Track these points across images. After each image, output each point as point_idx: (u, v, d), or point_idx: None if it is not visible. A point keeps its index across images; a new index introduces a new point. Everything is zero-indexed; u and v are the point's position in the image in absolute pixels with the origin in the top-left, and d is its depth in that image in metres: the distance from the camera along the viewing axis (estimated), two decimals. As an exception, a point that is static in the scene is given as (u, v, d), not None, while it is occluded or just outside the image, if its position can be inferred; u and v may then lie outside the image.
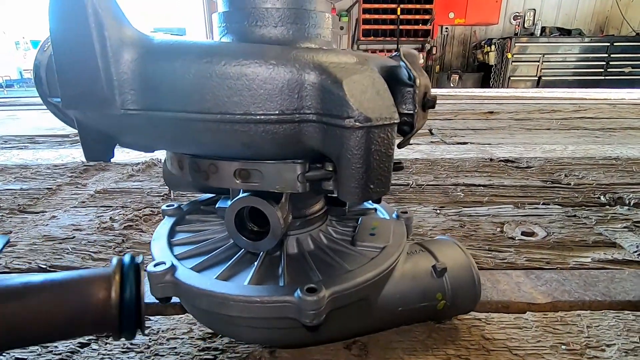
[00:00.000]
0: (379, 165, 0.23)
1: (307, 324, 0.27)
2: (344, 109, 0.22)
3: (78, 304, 0.18)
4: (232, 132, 0.23)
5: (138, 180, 0.85)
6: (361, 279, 0.30)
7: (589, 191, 0.76)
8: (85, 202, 0.72)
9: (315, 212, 0.37)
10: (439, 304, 0.33)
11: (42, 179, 0.86)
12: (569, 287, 0.43)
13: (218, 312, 0.29)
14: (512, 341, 0.35)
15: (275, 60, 0.22)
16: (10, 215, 0.66)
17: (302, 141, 0.24)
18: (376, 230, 0.37)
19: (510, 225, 0.60)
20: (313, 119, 0.23)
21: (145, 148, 0.29)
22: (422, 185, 0.80)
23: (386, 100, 0.23)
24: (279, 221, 0.30)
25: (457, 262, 0.34)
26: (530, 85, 4.86)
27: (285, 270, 0.32)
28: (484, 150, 1.11)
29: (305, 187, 0.26)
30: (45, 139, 1.37)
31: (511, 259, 0.50)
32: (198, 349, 0.34)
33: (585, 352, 0.34)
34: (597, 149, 1.11)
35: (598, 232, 0.58)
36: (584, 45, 4.96)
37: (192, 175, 0.29)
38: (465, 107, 2.15)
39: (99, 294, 0.19)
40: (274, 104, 0.23)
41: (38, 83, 0.32)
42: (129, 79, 0.23)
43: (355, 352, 0.34)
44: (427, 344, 0.35)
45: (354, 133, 0.22)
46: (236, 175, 0.27)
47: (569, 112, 1.91)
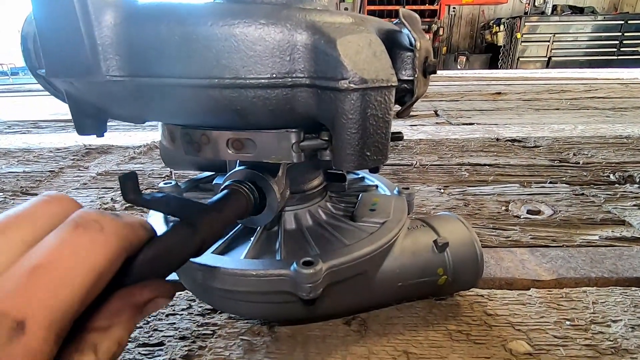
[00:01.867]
0: (376, 131, 0.22)
1: (304, 298, 0.26)
2: (338, 70, 0.20)
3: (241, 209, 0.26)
4: (222, 98, 0.22)
5: (139, 162, 0.85)
6: (359, 253, 0.29)
7: (598, 170, 0.74)
8: (87, 184, 0.72)
9: (313, 187, 0.36)
10: (440, 279, 0.33)
11: (45, 162, 0.86)
12: (575, 264, 0.43)
13: (215, 287, 0.28)
14: (515, 317, 0.34)
15: (265, 20, 0.21)
16: (13, 197, 0.66)
17: (296, 107, 0.23)
18: (376, 206, 0.36)
19: (515, 203, 0.59)
20: (306, 82, 0.22)
21: (135, 119, 0.28)
22: (426, 165, 0.79)
23: (383, 62, 0.22)
24: (276, 195, 0.29)
25: (459, 237, 0.33)
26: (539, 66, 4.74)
27: (282, 245, 0.31)
28: (491, 130, 1.09)
29: (300, 157, 0.25)
30: (48, 123, 1.37)
31: (516, 237, 0.49)
32: (197, 324, 0.34)
33: (590, 327, 0.33)
34: (607, 128, 1.08)
35: (606, 210, 0.56)
36: (596, 24, 4.80)
37: (184, 147, 0.28)
38: (472, 88, 2.11)
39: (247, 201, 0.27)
40: (264, 67, 0.21)
41: (26, 55, 0.31)
42: (113, 43, 0.22)
43: (354, 327, 0.33)
44: (428, 320, 0.34)
45: (348, 95, 0.20)
46: (229, 146, 0.26)
47: (579, 92, 1.86)
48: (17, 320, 0.12)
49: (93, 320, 0.15)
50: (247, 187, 0.28)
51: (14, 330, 0.12)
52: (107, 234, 0.15)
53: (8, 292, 0.12)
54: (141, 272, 0.17)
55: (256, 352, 0.31)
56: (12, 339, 0.11)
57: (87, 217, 0.15)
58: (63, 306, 0.13)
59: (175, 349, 0.31)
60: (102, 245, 0.14)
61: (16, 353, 0.11)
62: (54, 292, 0.13)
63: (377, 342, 0.32)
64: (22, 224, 0.14)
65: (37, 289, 0.12)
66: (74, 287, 0.13)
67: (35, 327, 0.12)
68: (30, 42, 0.30)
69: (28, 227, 0.14)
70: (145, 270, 0.17)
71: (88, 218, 0.15)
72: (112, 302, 0.16)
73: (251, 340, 0.32)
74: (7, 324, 0.12)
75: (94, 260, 0.14)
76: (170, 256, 0.18)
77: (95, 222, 0.15)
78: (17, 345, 0.11)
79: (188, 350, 0.31)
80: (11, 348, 0.11)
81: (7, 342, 0.11)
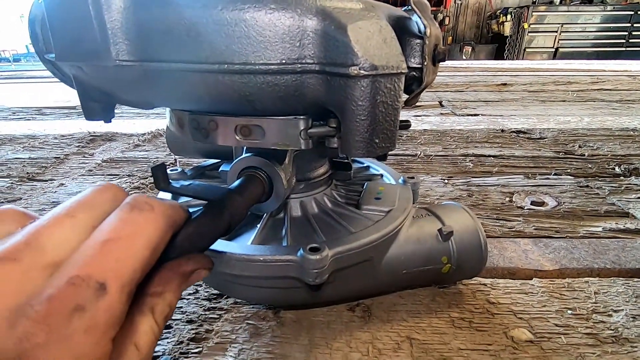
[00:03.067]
0: (385, 118, 0.22)
1: (310, 283, 0.27)
2: (349, 56, 0.20)
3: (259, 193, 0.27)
4: (231, 84, 0.22)
5: (144, 150, 0.85)
6: (365, 240, 0.29)
7: (603, 162, 0.73)
8: (92, 170, 0.72)
9: (319, 175, 0.36)
10: (444, 267, 0.33)
11: (50, 149, 0.86)
12: (578, 255, 0.43)
13: (222, 272, 0.29)
14: (517, 305, 0.35)
15: (275, 5, 0.21)
16: (20, 183, 0.66)
17: (305, 94, 0.23)
18: (382, 194, 0.36)
19: (519, 195, 0.59)
20: (316, 69, 0.22)
21: (143, 105, 0.28)
22: (430, 155, 0.78)
23: (393, 49, 0.22)
24: (283, 182, 0.29)
25: (464, 226, 0.34)
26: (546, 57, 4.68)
27: (289, 231, 0.31)
28: (496, 121, 1.08)
29: (308, 144, 0.25)
30: (52, 110, 1.37)
31: (519, 228, 0.49)
32: (204, 308, 0.35)
33: (591, 316, 0.33)
34: (614, 121, 1.07)
35: (611, 202, 0.56)
36: (605, 14, 4.71)
37: (192, 133, 0.28)
38: (478, 79, 2.09)
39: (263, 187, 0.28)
40: (274, 53, 0.21)
41: (34, 40, 0.31)
42: (123, 27, 0.22)
43: (358, 313, 0.34)
44: (431, 307, 0.35)
45: (359, 82, 0.20)
46: (237, 132, 0.26)
47: (586, 84, 1.83)
48: (99, 281, 0.14)
49: (149, 287, 0.17)
50: (263, 172, 0.28)
51: (97, 290, 0.14)
52: (157, 213, 0.17)
53: (87, 259, 0.14)
54: (182, 247, 0.19)
55: (262, 336, 0.32)
56: (98, 297, 0.14)
57: (141, 200, 0.17)
58: (130, 272, 0.15)
59: (182, 332, 0.32)
60: (154, 222, 0.17)
61: (101, 309, 0.14)
62: (124, 261, 0.15)
63: (381, 328, 0.32)
64: (87, 208, 0.17)
65: (110, 258, 0.15)
66: (137, 257, 0.16)
67: (113, 288, 0.14)
68: (38, 26, 0.30)
69: (92, 210, 0.17)
70: (186, 245, 0.19)
71: (141, 201, 0.17)
72: (163, 271, 0.18)
73: (257, 325, 0.33)
74: (92, 285, 0.14)
75: (150, 234, 0.16)
76: (205, 233, 0.20)
77: (147, 204, 0.17)
78: (103, 302, 0.14)
79: (195, 333, 0.32)
80: (98, 305, 0.14)
81: (94, 300, 0.14)
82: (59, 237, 0.15)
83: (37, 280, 0.14)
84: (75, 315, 0.13)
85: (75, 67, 0.27)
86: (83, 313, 0.13)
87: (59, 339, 0.13)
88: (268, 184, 0.29)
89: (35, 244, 0.14)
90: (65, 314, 0.13)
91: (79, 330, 0.13)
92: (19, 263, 0.14)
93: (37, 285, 0.13)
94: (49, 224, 0.15)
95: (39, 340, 0.12)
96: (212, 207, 0.21)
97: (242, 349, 0.30)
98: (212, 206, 0.21)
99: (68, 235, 0.15)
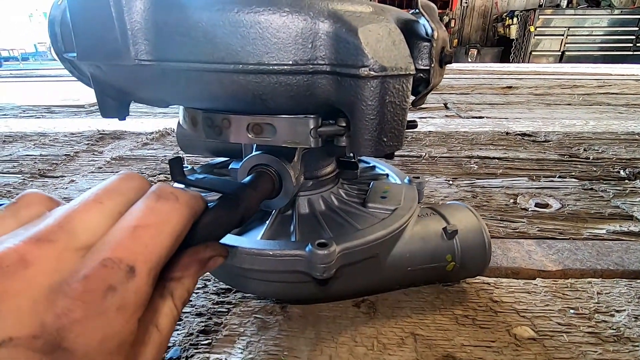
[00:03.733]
0: (393, 118, 0.23)
1: (318, 278, 0.28)
2: (359, 58, 0.21)
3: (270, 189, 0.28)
4: (246, 84, 0.23)
5: (152, 148, 0.86)
6: (371, 237, 0.30)
7: (608, 165, 0.74)
8: (102, 167, 0.74)
9: (327, 174, 0.37)
10: (448, 265, 0.34)
11: (60, 146, 0.88)
12: (581, 256, 0.43)
13: (232, 265, 0.29)
14: (520, 304, 0.35)
15: (289, 8, 0.22)
16: (32, 179, 0.68)
17: (316, 94, 0.24)
18: (387, 193, 0.37)
19: (524, 196, 0.60)
20: (327, 69, 0.22)
21: (159, 102, 0.29)
22: (435, 157, 0.79)
23: (402, 51, 0.23)
24: (292, 179, 0.30)
25: (468, 225, 0.34)
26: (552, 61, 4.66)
27: (297, 227, 0.32)
28: (501, 124, 1.08)
29: (318, 142, 0.26)
30: (61, 109, 1.39)
31: (523, 229, 0.50)
32: (212, 302, 0.36)
33: (594, 316, 0.34)
34: (619, 125, 1.07)
35: (615, 205, 0.57)
36: (613, 18, 4.68)
37: (205, 131, 0.29)
38: (483, 82, 2.09)
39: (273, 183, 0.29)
40: (287, 54, 0.22)
41: (53, 39, 0.32)
42: (142, 28, 0.23)
43: (364, 309, 0.35)
44: (435, 304, 0.35)
45: (368, 83, 0.21)
46: (249, 130, 0.27)
47: (592, 88, 1.83)
48: (129, 265, 0.15)
49: (169, 272, 0.18)
50: (273, 169, 0.29)
51: (128, 272, 0.15)
52: (181, 203, 0.18)
53: (118, 243, 0.15)
54: (201, 235, 0.20)
55: (269, 329, 0.32)
56: (128, 279, 0.15)
57: (166, 190, 0.18)
58: (156, 257, 0.16)
59: (192, 324, 0.33)
60: (179, 212, 0.18)
61: (131, 290, 0.15)
62: (151, 246, 0.16)
63: (386, 324, 0.33)
64: (113, 195, 0.18)
65: (139, 243, 0.16)
66: (163, 243, 0.17)
67: (141, 270, 0.15)
68: (57, 27, 0.31)
69: (118, 197, 0.18)
70: (204, 233, 0.20)
71: (166, 191, 0.18)
72: (183, 258, 0.19)
73: (264, 319, 0.34)
74: (123, 267, 0.15)
75: (175, 222, 0.17)
76: (221, 223, 0.21)
77: (172, 194, 0.18)
78: (132, 284, 0.15)
79: (205, 326, 0.33)
80: (128, 286, 0.15)
81: (125, 282, 0.15)
82: (89, 221, 0.16)
83: (71, 261, 0.14)
84: (109, 294, 0.14)
85: (93, 66, 0.28)
86: (115, 293, 0.14)
87: (93, 315, 0.13)
88: (278, 180, 0.30)
89: (68, 227, 0.15)
90: (99, 292, 0.14)
91: (111, 308, 0.14)
92: (55, 244, 0.14)
93: (71, 265, 0.14)
94: (79, 208, 0.16)
95: (76, 316, 0.13)
96: (228, 199, 0.22)
97: (250, 342, 0.31)
98: (228, 198, 0.22)
99: (97, 219, 0.16)
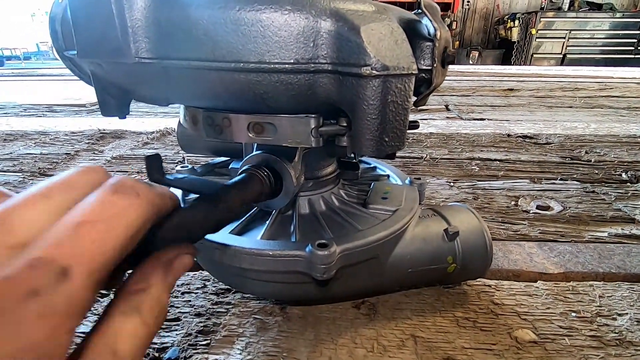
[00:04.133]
0: (395, 118, 0.23)
1: (318, 278, 0.27)
2: (361, 57, 0.21)
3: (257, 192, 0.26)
4: (247, 82, 0.23)
5: (153, 147, 0.86)
6: (372, 238, 0.30)
7: (610, 168, 0.73)
8: (102, 167, 0.74)
9: (327, 174, 0.37)
10: (449, 267, 0.33)
11: (61, 145, 0.88)
12: (583, 259, 0.43)
13: (232, 265, 0.29)
14: (522, 307, 0.35)
15: (291, 6, 0.22)
16: (32, 178, 0.68)
17: (317, 93, 0.23)
18: (388, 194, 0.37)
19: (525, 199, 0.59)
20: (328, 69, 0.22)
21: (160, 101, 0.29)
22: (436, 158, 0.79)
23: (404, 50, 0.22)
24: (292, 179, 0.30)
25: (470, 227, 0.34)
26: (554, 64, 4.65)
27: (297, 228, 0.32)
28: (502, 126, 1.08)
29: (319, 142, 0.26)
30: (62, 108, 1.39)
31: (524, 231, 0.49)
32: (211, 302, 0.35)
33: (595, 320, 0.34)
34: (621, 128, 1.07)
35: (617, 208, 0.56)
36: (614, 21, 4.68)
37: (206, 130, 0.29)
38: (484, 84, 2.09)
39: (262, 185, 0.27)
40: (288, 53, 0.22)
41: (54, 37, 0.32)
42: (143, 26, 0.23)
43: (364, 311, 0.34)
44: (436, 306, 0.35)
45: (370, 82, 0.21)
46: (250, 129, 0.27)
47: (593, 91, 1.83)
48: (62, 266, 0.13)
49: (131, 284, 0.16)
50: (263, 172, 0.29)
51: (59, 275, 0.13)
52: (141, 199, 0.16)
53: (55, 242, 0.13)
54: (166, 239, 0.18)
55: (268, 330, 0.32)
56: (58, 283, 0.13)
57: (126, 184, 0.16)
58: (103, 258, 0.14)
59: (191, 325, 0.33)
60: (137, 208, 0.16)
61: (60, 296, 0.13)
62: (96, 245, 0.14)
63: (386, 326, 0.33)
64: (64, 189, 0.16)
65: (82, 241, 0.14)
66: (112, 242, 0.14)
67: (78, 274, 0.13)
68: (57, 24, 0.31)
69: (70, 191, 0.16)
70: (170, 236, 0.18)
71: (126, 184, 0.16)
72: (144, 265, 0.17)
73: (264, 319, 0.33)
74: (53, 269, 0.13)
75: (130, 220, 0.15)
76: (192, 226, 0.19)
77: (132, 188, 0.16)
78: (63, 288, 0.13)
79: (203, 326, 0.32)
80: (56, 291, 0.13)
81: (53, 286, 0.13)
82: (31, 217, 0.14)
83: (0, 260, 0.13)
84: (30, 299, 0.12)
85: (94, 64, 0.28)
86: (37, 298, 0.12)
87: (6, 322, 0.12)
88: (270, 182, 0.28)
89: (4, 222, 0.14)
90: (17, 297, 0.12)
91: (30, 316, 0.12)
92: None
93: None
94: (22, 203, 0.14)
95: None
96: (206, 200, 0.20)
97: (249, 342, 0.31)
98: (206, 199, 0.20)
99: (40, 215, 0.14)
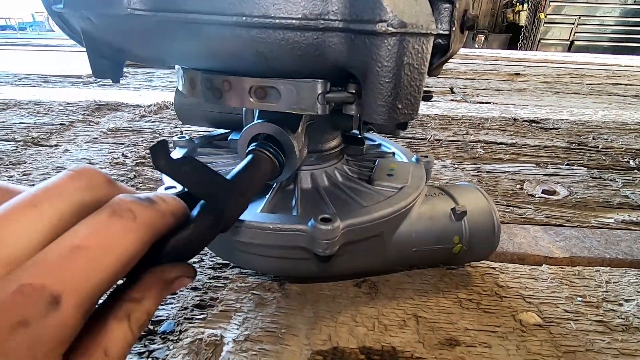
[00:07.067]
0: (410, 83, 0.21)
1: (320, 254, 0.26)
2: (376, 12, 0.19)
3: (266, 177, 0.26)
4: (249, 39, 0.21)
5: (150, 120, 0.84)
6: (377, 214, 0.28)
7: (617, 155, 0.72)
8: (97, 138, 0.72)
9: (331, 148, 0.35)
10: (455, 247, 0.32)
11: (55, 115, 0.85)
12: (589, 245, 0.42)
13: (231, 239, 0.28)
14: (527, 290, 0.34)
15: (300, -47, 0.19)
16: (25, 147, 0.66)
17: (325, 54, 0.22)
18: (394, 171, 0.35)
19: (530, 183, 0.58)
20: (339, 26, 0.20)
21: (154, 60, 0.27)
22: (440, 140, 0.77)
23: (424, 7, 0.20)
24: (295, 151, 0.28)
25: (478, 207, 0.33)
26: (561, 50, 4.56)
27: (299, 202, 0.30)
28: (508, 110, 1.06)
29: (325, 109, 0.24)
30: (57, 78, 1.35)
31: (530, 215, 0.48)
32: (209, 277, 0.34)
33: (602, 305, 0.33)
34: (629, 115, 1.05)
35: (624, 194, 0.55)
36: (625, 8, 4.56)
37: (204, 94, 0.27)
38: (490, 67, 2.04)
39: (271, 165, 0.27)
40: (296, 7, 0.20)
41: (41, -11, 0.30)
42: (136, -28, 0.21)
43: (364, 289, 0.34)
44: (439, 287, 0.34)
45: (386, 40, 0.19)
46: (251, 94, 0.25)
47: (601, 78, 1.79)
48: (53, 294, 0.12)
49: (129, 293, 0.16)
50: (272, 150, 0.27)
51: (49, 304, 0.12)
52: (139, 223, 0.16)
53: (46, 267, 0.13)
54: (171, 256, 0.18)
55: (267, 306, 0.31)
56: (48, 312, 0.12)
57: (124, 206, 0.16)
58: (94, 286, 0.14)
59: (187, 298, 0.32)
60: (133, 233, 0.15)
61: (50, 326, 0.12)
62: (89, 273, 0.13)
63: (387, 305, 0.32)
64: (54, 196, 0.15)
65: (75, 268, 0.13)
66: (106, 270, 0.14)
67: (68, 302, 0.13)
68: (45, -24, 0.29)
69: (59, 200, 0.15)
70: (175, 254, 0.18)
71: (124, 207, 0.15)
72: (145, 278, 0.17)
73: (262, 295, 0.32)
74: (44, 297, 0.12)
75: (125, 247, 0.15)
76: (198, 243, 0.19)
77: (130, 211, 0.15)
78: (54, 318, 0.12)
79: (200, 300, 0.32)
80: (46, 320, 0.12)
81: (44, 314, 0.12)
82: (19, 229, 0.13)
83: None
84: (19, 330, 0.12)
85: (84, 19, 0.25)
86: (27, 328, 0.12)
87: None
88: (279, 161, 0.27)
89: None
90: (6, 326, 0.12)
91: (20, 347, 0.12)
92: None
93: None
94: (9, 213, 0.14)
95: None
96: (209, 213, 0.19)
97: (246, 318, 0.30)
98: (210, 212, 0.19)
99: (29, 227, 0.13)
